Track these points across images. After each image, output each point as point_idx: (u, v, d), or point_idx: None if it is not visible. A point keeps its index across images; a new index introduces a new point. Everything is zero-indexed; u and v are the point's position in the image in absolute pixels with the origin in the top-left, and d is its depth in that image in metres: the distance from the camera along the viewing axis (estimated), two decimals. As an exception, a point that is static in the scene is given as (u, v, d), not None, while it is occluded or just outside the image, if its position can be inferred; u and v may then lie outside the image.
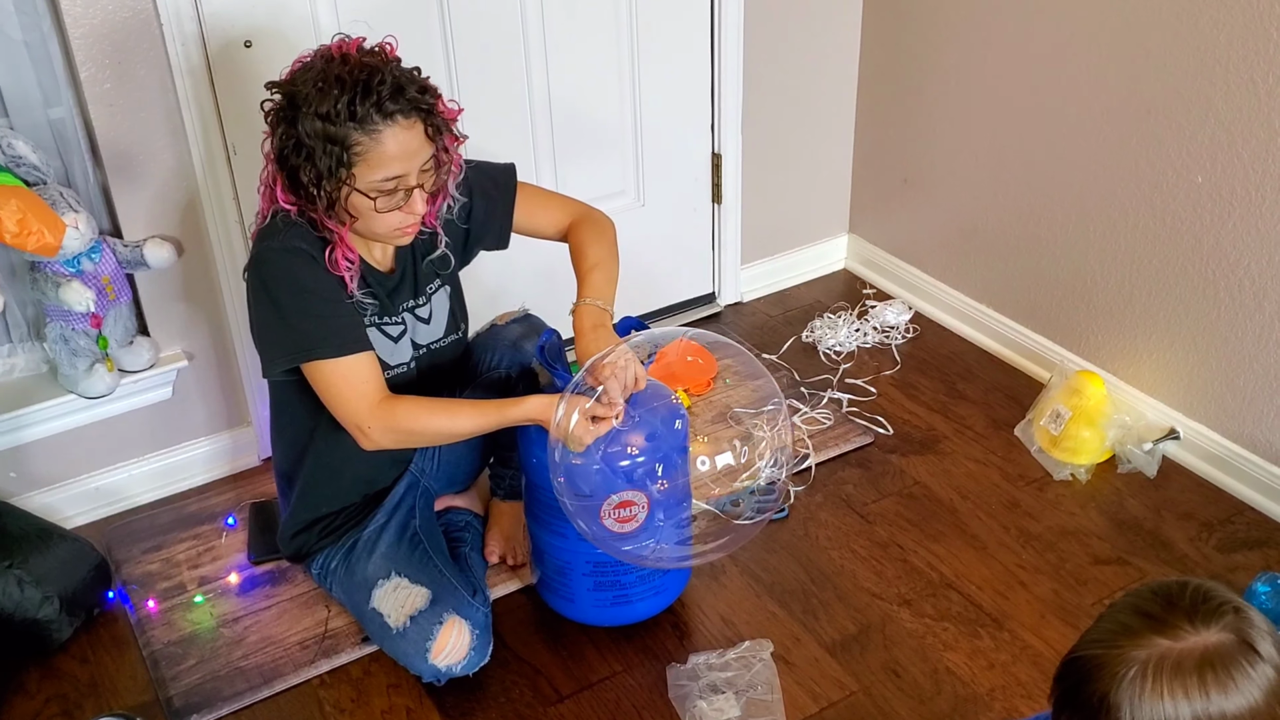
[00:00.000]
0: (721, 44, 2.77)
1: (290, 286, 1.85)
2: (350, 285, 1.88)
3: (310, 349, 1.86)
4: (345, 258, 1.86)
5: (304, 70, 1.78)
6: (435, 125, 1.80)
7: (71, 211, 2.13)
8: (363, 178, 1.77)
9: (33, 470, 2.34)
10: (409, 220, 1.85)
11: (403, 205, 1.81)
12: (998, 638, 2.10)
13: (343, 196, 1.79)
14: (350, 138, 1.73)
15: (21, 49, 2.13)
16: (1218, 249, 2.31)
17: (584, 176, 2.75)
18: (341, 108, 1.72)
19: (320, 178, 1.77)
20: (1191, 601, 1.12)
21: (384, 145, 1.75)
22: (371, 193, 1.78)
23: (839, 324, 2.96)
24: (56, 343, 2.24)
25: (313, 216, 1.85)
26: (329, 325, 1.86)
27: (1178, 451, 2.49)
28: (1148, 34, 2.31)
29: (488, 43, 2.50)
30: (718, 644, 2.09)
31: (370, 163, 1.76)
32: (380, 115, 1.73)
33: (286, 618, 2.16)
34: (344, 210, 1.81)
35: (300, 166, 1.77)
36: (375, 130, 1.74)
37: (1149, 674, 1.08)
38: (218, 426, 2.51)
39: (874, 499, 2.43)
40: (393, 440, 1.90)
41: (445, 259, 2.03)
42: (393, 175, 1.78)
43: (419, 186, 1.82)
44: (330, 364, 1.86)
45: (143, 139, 2.22)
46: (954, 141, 2.82)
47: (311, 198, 1.80)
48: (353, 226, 1.85)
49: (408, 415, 1.90)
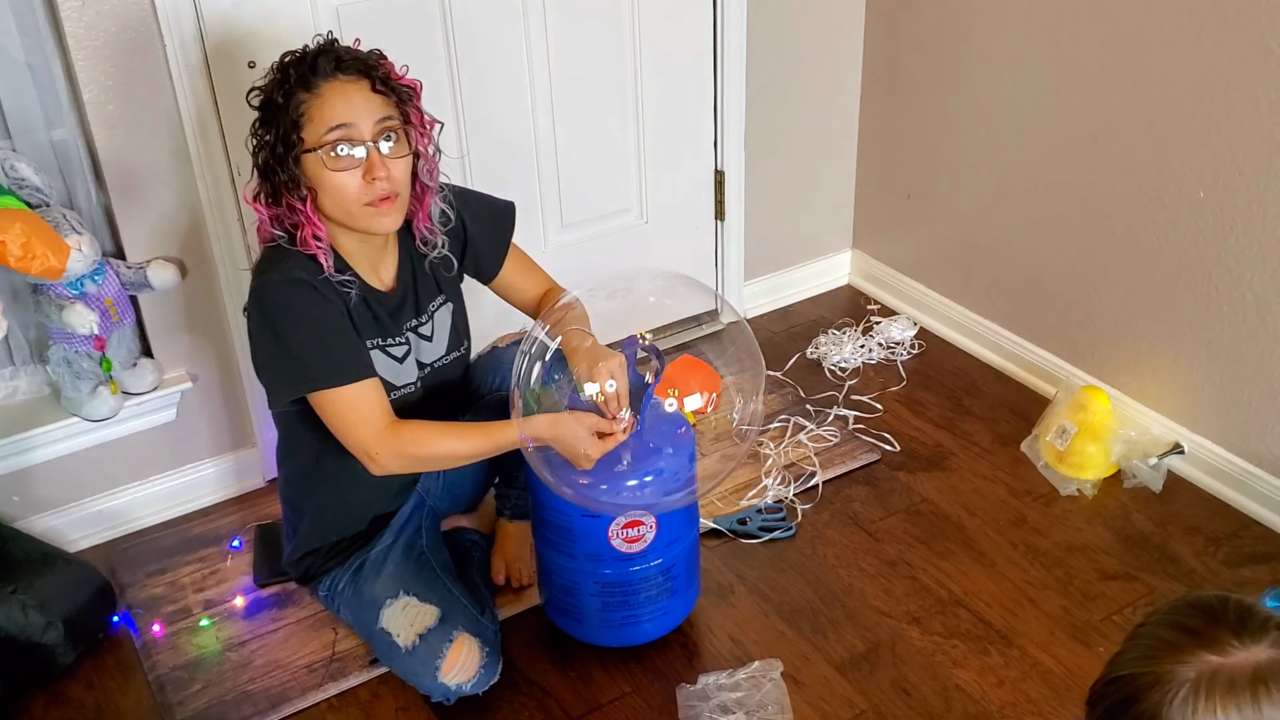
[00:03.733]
0: (724, 61, 2.78)
1: (291, 318, 1.85)
2: (325, 264, 1.86)
3: (315, 379, 1.86)
4: (314, 236, 1.85)
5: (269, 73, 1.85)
6: (382, 81, 1.82)
7: (74, 233, 2.12)
8: (311, 135, 1.80)
9: (36, 494, 2.33)
10: (375, 191, 1.82)
11: (364, 170, 1.81)
12: (1007, 654, 2.09)
13: (301, 166, 1.81)
14: (295, 97, 1.79)
15: (25, 71, 2.13)
16: (1220, 264, 2.31)
17: (587, 194, 2.75)
18: (283, 77, 1.80)
19: (280, 155, 1.80)
20: (1237, 617, 1.09)
21: (325, 98, 1.79)
22: (320, 147, 1.79)
23: (844, 340, 2.96)
24: (59, 365, 2.23)
25: (292, 224, 1.85)
26: (332, 354, 1.86)
27: (1183, 466, 2.49)
28: (1150, 50, 2.31)
29: (491, 63, 2.50)
30: (727, 664, 2.08)
31: (314, 119, 1.79)
32: (316, 75, 1.79)
33: (293, 641, 2.15)
34: (305, 185, 1.82)
35: (267, 157, 1.82)
36: (316, 87, 1.79)
37: (1201, 692, 1.05)
38: (222, 448, 2.50)
39: (881, 516, 2.43)
40: (401, 465, 1.90)
41: (448, 261, 2.02)
42: (336, 124, 1.79)
43: (374, 145, 1.81)
44: (335, 393, 1.85)
45: (146, 160, 2.22)
46: (957, 156, 2.83)
47: (277, 185, 1.82)
48: (325, 208, 1.84)
49: (415, 440, 1.89)
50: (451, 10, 2.41)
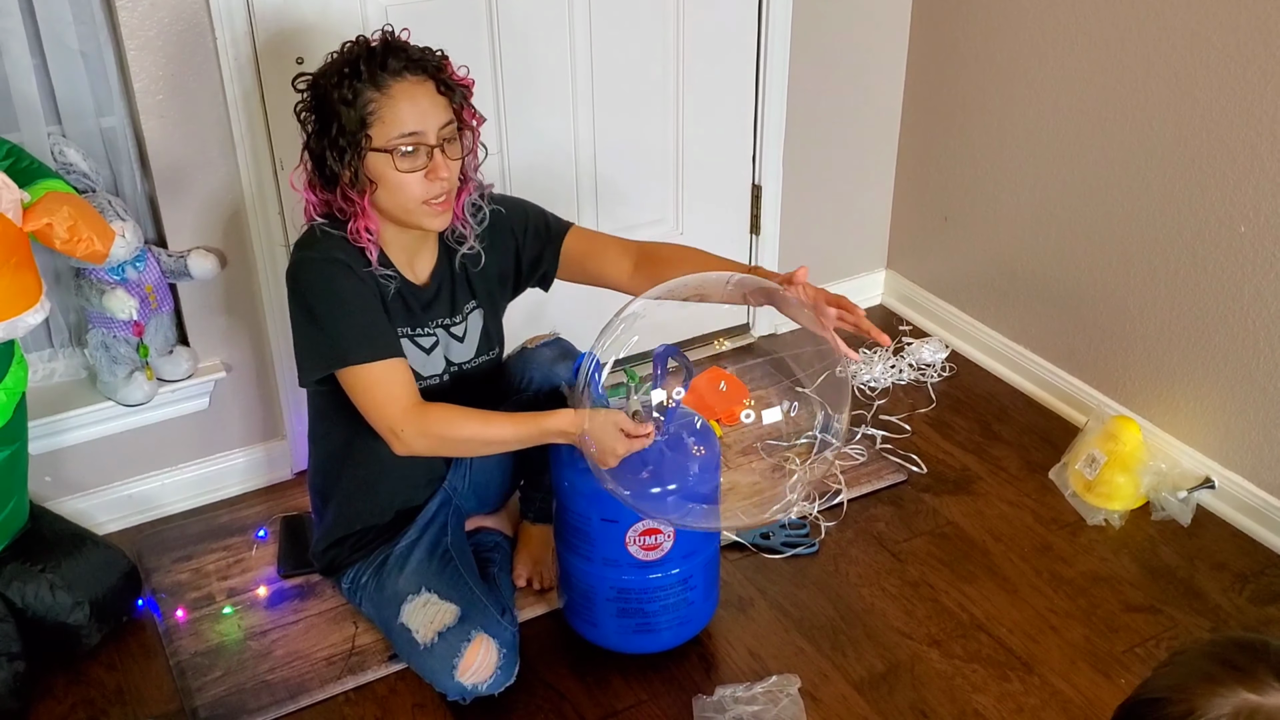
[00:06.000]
0: (767, 76, 2.78)
1: (325, 294, 1.88)
2: (372, 258, 1.90)
3: (344, 355, 1.88)
4: (366, 229, 1.88)
5: (326, 61, 1.87)
6: (445, 83, 1.86)
7: (119, 220, 2.15)
8: (380, 136, 1.82)
9: (68, 475, 2.36)
10: (435, 190, 1.85)
11: (426, 170, 1.84)
12: (1027, 681, 2.08)
13: (364, 162, 1.83)
14: (363, 95, 1.81)
15: (78, 59, 2.16)
16: (1259, 299, 2.29)
17: (624, 202, 2.76)
18: (350, 70, 1.81)
19: (342, 148, 1.82)
20: (1278, 659, 1.08)
21: (395, 100, 1.81)
22: (390, 149, 1.82)
23: (874, 360, 2.95)
24: (97, 349, 2.26)
25: (342, 211, 1.88)
26: (364, 332, 1.88)
27: (1212, 501, 2.47)
28: (1195, 83, 2.30)
29: (535, 65, 2.52)
30: (745, 677, 2.08)
31: (386, 120, 1.81)
32: (386, 72, 1.81)
33: (314, 633, 2.17)
34: (366, 179, 1.84)
35: (326, 147, 1.84)
36: (386, 86, 1.81)
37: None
38: (253, 439, 2.53)
39: (906, 537, 2.42)
40: (425, 445, 1.91)
41: (477, 256, 2.04)
42: (409, 131, 1.82)
43: (440, 149, 1.84)
44: (364, 369, 1.87)
45: (192, 151, 2.25)
46: (996, 181, 2.82)
47: (335, 176, 1.84)
48: (382, 203, 1.87)
49: (441, 420, 1.91)
50: (498, 11, 2.43)
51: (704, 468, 1.95)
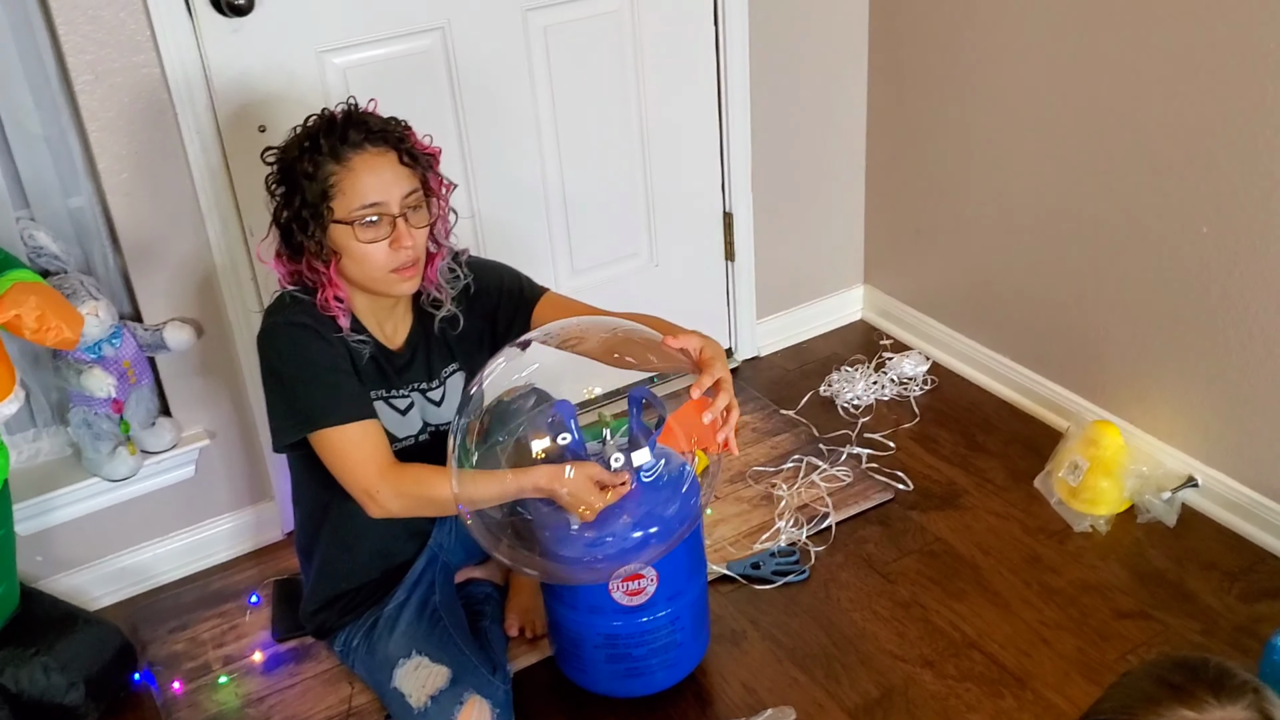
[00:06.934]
0: (729, 103, 2.80)
1: (293, 359, 1.90)
2: (343, 325, 1.92)
3: (315, 419, 1.90)
4: (335, 298, 1.91)
5: (292, 134, 1.90)
6: (409, 153, 1.88)
7: (92, 299, 2.17)
8: (342, 208, 1.84)
9: (59, 553, 2.38)
10: (400, 258, 1.88)
11: (390, 239, 1.85)
12: (1021, 697, 2.09)
13: (328, 233, 1.86)
14: (324, 168, 1.83)
15: (41, 143, 2.18)
16: (1225, 298, 2.31)
17: (597, 239, 2.78)
18: (311, 144, 1.84)
19: (306, 220, 1.85)
20: (1216, 676, 1.12)
21: (356, 173, 1.84)
22: (351, 220, 1.84)
23: (856, 377, 2.97)
24: (80, 427, 2.28)
25: (310, 280, 1.90)
26: (334, 395, 1.90)
27: (1197, 499, 2.48)
28: (1151, 90, 2.32)
29: (498, 112, 2.54)
30: (740, 711, 2.09)
31: (346, 192, 1.84)
32: (347, 145, 1.84)
33: (310, 695, 2.18)
34: (331, 249, 1.87)
35: (291, 219, 1.87)
36: (346, 159, 1.84)
37: None
38: (241, 502, 2.54)
39: (895, 557, 2.43)
40: (401, 506, 1.92)
41: (455, 319, 2.06)
42: (370, 202, 1.84)
43: (403, 217, 1.86)
44: (336, 431, 1.89)
45: (161, 225, 2.26)
46: (963, 192, 2.84)
47: (300, 247, 1.87)
48: (348, 272, 1.89)
49: (416, 480, 1.92)
50: (456, 62, 2.44)
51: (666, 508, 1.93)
